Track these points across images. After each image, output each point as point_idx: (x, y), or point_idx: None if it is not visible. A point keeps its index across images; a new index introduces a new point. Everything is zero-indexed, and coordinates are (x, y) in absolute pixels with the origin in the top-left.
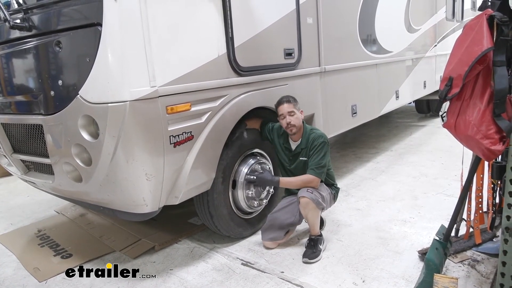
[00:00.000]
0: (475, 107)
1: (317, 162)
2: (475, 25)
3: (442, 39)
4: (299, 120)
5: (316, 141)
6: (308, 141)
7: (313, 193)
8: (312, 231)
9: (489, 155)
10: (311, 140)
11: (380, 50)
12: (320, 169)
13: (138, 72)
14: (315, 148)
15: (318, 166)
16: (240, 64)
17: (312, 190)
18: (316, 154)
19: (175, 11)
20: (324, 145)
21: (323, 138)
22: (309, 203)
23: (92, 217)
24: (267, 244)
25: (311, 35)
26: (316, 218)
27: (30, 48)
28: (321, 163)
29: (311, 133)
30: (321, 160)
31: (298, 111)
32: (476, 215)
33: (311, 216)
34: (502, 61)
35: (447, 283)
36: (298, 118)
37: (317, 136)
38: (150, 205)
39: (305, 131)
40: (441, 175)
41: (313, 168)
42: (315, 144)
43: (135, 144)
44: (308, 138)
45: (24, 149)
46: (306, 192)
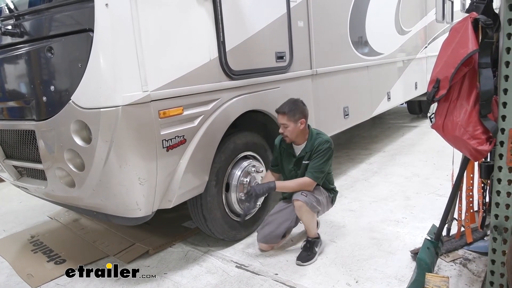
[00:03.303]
0: (462, 108)
1: (318, 166)
2: (460, 28)
3: (433, 41)
4: (291, 133)
5: (321, 145)
6: (313, 145)
7: (307, 196)
8: (309, 233)
9: (476, 155)
10: (317, 144)
11: (371, 52)
12: (319, 174)
13: (130, 77)
14: (319, 152)
15: (317, 170)
16: (232, 68)
17: (306, 193)
18: (318, 158)
19: (166, 16)
20: (329, 151)
21: (328, 144)
22: (302, 206)
23: (85, 222)
24: (263, 246)
25: (302, 38)
26: (311, 220)
27: (22, 54)
28: (322, 168)
29: (317, 137)
30: (322, 165)
31: (296, 122)
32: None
33: (305, 219)
34: (487, 63)
35: (438, 282)
36: (291, 131)
37: (323, 141)
38: (143, 209)
39: (311, 135)
40: (433, 175)
41: (311, 171)
42: (320, 149)
43: (128, 149)
44: (314, 142)
45: (17, 155)
46: (301, 196)
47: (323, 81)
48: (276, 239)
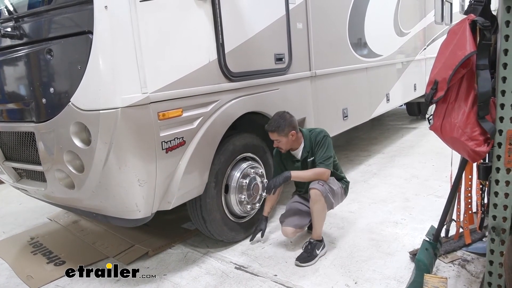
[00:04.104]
0: (460, 110)
1: (323, 155)
2: (458, 29)
3: (432, 42)
4: (286, 145)
5: (318, 137)
6: (311, 142)
7: (323, 185)
8: (314, 232)
9: (474, 157)
10: (313, 139)
11: (370, 54)
12: (328, 161)
13: (129, 78)
14: (319, 143)
15: (325, 159)
16: (231, 70)
17: (323, 183)
18: (320, 149)
19: (165, 18)
20: (326, 139)
21: (323, 133)
22: (317, 194)
23: (85, 224)
24: (289, 230)
25: (301, 40)
26: (320, 214)
27: (21, 56)
28: (327, 155)
29: (311, 134)
30: (326, 153)
31: (287, 136)
32: (465, 216)
33: (316, 210)
34: (485, 64)
35: (437, 283)
36: (284, 144)
37: (317, 133)
38: (143, 210)
39: (305, 136)
40: (432, 177)
41: (321, 161)
42: (318, 140)
43: (127, 150)
44: (310, 139)
45: (16, 156)
46: (317, 184)
47: (322, 82)
48: (303, 223)
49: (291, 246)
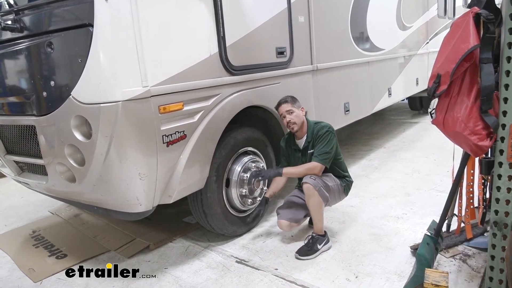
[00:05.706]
0: (462, 104)
1: (321, 150)
2: (461, 23)
3: (434, 36)
4: (298, 118)
5: (320, 131)
6: (313, 133)
7: (315, 179)
8: (315, 227)
9: (476, 151)
10: (316, 131)
11: (372, 48)
12: (324, 155)
13: (130, 72)
14: (320, 137)
15: (322, 153)
16: (232, 63)
17: (315, 177)
18: (320, 142)
19: (166, 11)
20: (329, 134)
21: (327, 128)
22: (310, 189)
23: (86, 217)
24: (283, 223)
25: (303, 33)
26: (317, 208)
27: (22, 49)
28: (325, 150)
29: (315, 126)
30: (325, 147)
31: (298, 109)
32: (467, 210)
33: (312, 204)
34: (489, 58)
35: (437, 277)
36: (297, 116)
37: (322, 126)
38: (144, 204)
39: (310, 126)
40: (433, 172)
41: (316, 155)
42: (320, 134)
43: (128, 144)
44: (313, 130)
45: (17, 150)
46: (309, 179)
47: (324, 76)
48: (298, 218)
49: (292, 240)
